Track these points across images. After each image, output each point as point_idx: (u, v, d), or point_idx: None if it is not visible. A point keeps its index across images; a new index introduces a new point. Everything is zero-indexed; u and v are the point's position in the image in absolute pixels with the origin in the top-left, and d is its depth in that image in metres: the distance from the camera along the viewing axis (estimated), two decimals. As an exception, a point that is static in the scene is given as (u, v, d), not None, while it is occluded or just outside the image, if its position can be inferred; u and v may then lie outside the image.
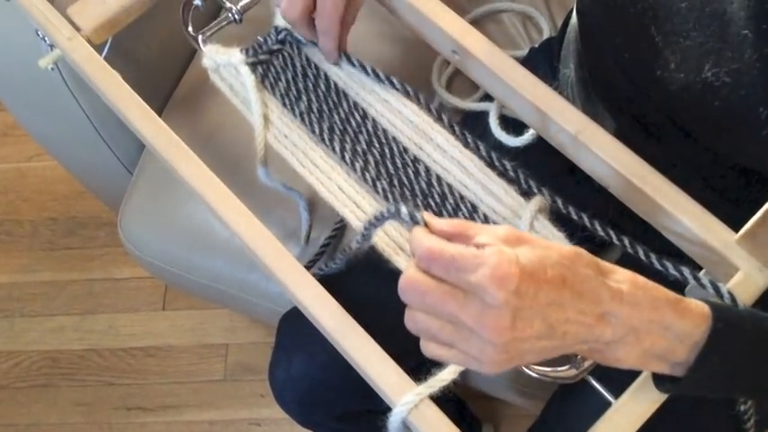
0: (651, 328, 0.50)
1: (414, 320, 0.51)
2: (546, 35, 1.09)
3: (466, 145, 0.71)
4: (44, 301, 1.51)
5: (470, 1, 1.11)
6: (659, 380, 0.56)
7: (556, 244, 0.51)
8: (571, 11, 0.84)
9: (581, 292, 0.49)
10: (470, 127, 0.77)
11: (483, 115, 0.90)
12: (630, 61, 0.66)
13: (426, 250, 0.49)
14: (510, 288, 0.46)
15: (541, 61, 0.91)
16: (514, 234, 0.50)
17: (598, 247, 0.83)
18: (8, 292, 1.53)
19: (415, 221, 0.52)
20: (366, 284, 0.76)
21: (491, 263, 0.46)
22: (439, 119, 0.72)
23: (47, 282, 1.53)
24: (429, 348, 0.52)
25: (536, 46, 1.01)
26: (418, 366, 0.62)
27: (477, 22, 1.09)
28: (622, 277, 0.51)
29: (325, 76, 0.77)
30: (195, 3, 0.81)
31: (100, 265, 1.54)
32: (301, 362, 0.83)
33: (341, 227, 0.93)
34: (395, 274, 0.65)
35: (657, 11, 0.61)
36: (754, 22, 0.56)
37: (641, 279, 0.52)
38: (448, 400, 0.60)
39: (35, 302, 1.51)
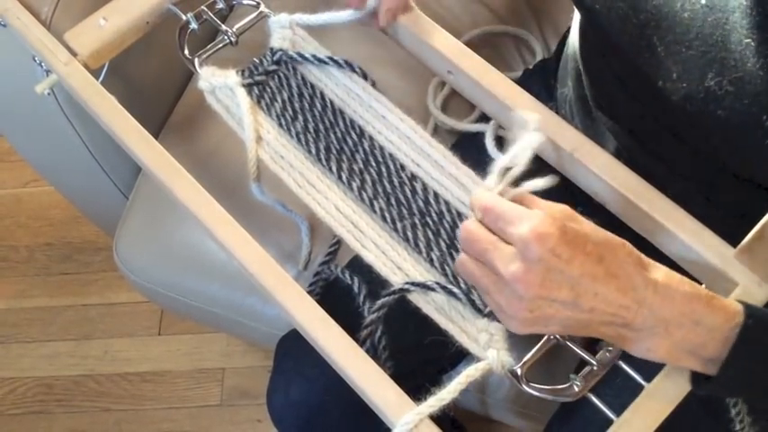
0: (682, 321, 0.53)
1: (462, 264, 0.57)
2: (539, 57, 1.10)
3: (463, 160, 0.71)
4: (40, 327, 1.50)
5: (464, 24, 1.12)
6: (695, 379, 0.57)
7: (606, 231, 0.54)
8: (568, 30, 0.85)
9: (615, 274, 0.52)
10: (466, 148, 0.77)
11: (479, 136, 0.90)
12: (632, 73, 0.66)
13: (483, 201, 0.55)
14: (547, 246, 0.50)
15: (535, 82, 0.92)
16: (570, 212, 0.54)
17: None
18: (3, 317, 1.52)
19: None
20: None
21: (535, 220, 0.51)
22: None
23: (42, 307, 1.52)
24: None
25: (530, 68, 1.01)
26: (417, 388, 0.62)
27: (470, 45, 1.10)
28: (659, 271, 0.54)
29: (322, 94, 0.77)
30: (191, 26, 0.81)
31: (96, 290, 1.53)
32: (300, 386, 0.83)
33: (335, 249, 0.93)
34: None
35: (660, 21, 0.61)
36: (756, 30, 0.56)
37: (677, 275, 0.55)
38: (445, 422, 0.60)
39: (31, 328, 1.50)
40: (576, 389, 0.60)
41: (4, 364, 1.47)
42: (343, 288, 0.79)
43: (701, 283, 0.63)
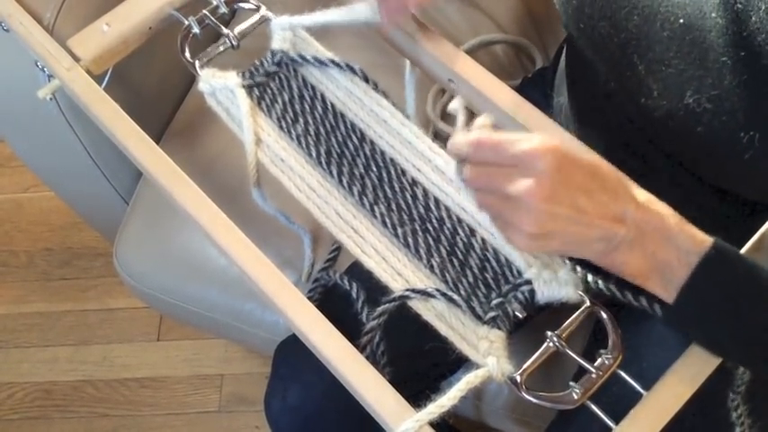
0: (656, 236, 0.56)
1: (477, 200, 0.60)
2: (539, 65, 1.11)
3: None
4: (39, 332, 1.50)
5: (464, 32, 1.12)
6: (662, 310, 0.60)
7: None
8: (565, 40, 0.85)
9: (606, 187, 0.56)
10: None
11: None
12: (616, 90, 0.68)
13: (473, 138, 0.57)
14: (553, 158, 0.54)
15: (534, 90, 0.92)
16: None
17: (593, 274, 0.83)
18: (2, 322, 1.52)
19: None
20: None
21: (537, 138, 0.55)
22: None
23: (41, 312, 1.52)
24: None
25: (529, 76, 1.02)
26: (415, 395, 0.62)
27: (470, 53, 1.10)
28: (638, 190, 0.58)
29: (323, 97, 0.77)
30: (193, 31, 0.81)
31: (95, 295, 1.53)
32: (298, 392, 0.83)
33: (335, 256, 0.93)
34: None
35: (640, 40, 0.63)
36: (732, 49, 0.58)
37: (656, 199, 0.58)
38: (443, 430, 0.60)
39: (29, 333, 1.50)
40: (576, 396, 0.60)
41: (3, 369, 1.47)
42: (342, 294, 0.79)
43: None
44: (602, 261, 0.58)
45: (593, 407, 0.60)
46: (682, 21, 0.60)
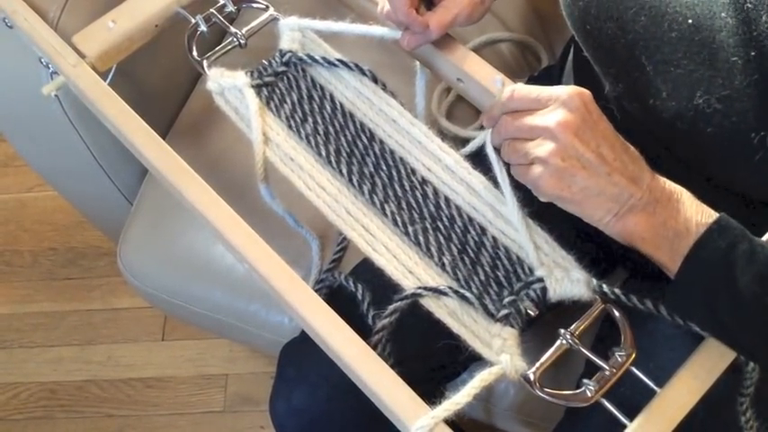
0: (668, 205, 0.59)
1: (505, 149, 0.63)
2: (544, 64, 1.10)
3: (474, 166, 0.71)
4: (43, 332, 1.50)
5: (470, 31, 1.12)
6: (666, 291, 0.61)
7: None
8: (571, 39, 0.85)
9: (628, 149, 0.60)
10: (470, 155, 0.77)
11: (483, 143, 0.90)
12: (624, 91, 0.67)
13: (508, 91, 0.62)
14: (584, 99, 0.59)
15: (540, 89, 0.92)
16: None
17: (602, 273, 0.83)
18: (7, 322, 1.52)
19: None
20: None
21: (570, 86, 0.60)
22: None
23: (46, 312, 1.52)
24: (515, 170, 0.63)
25: (535, 74, 1.01)
26: (429, 393, 0.62)
27: (475, 52, 1.10)
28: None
29: (331, 97, 0.77)
30: (200, 29, 0.81)
31: (99, 295, 1.53)
32: (303, 393, 0.82)
33: (340, 257, 0.93)
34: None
35: (648, 41, 0.63)
36: (742, 49, 0.57)
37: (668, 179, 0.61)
38: (454, 429, 0.60)
39: (34, 333, 1.50)
40: (589, 394, 0.60)
41: (8, 368, 1.47)
42: (347, 296, 0.79)
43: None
44: (613, 226, 0.60)
45: (608, 404, 0.60)
46: (690, 21, 0.60)
